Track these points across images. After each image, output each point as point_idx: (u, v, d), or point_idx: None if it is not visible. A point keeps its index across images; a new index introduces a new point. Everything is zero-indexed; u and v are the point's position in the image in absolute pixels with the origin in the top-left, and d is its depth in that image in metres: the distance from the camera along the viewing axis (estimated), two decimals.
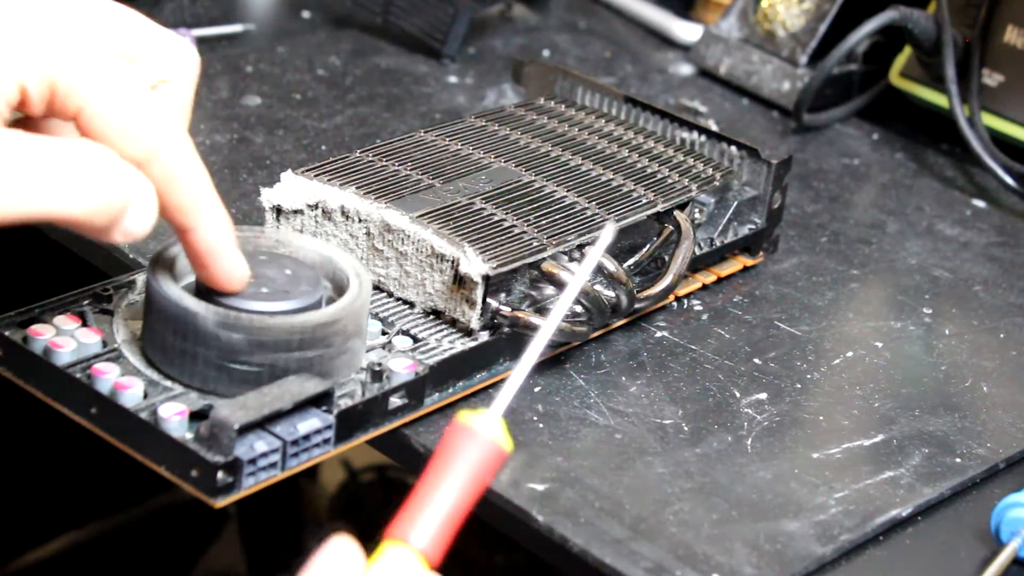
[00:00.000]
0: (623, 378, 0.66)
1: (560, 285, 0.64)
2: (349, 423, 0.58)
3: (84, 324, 0.60)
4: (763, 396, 0.66)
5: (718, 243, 0.74)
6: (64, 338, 0.59)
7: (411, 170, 0.69)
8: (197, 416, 0.56)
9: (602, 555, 0.56)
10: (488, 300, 0.63)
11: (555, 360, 0.66)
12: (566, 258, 0.65)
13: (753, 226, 0.75)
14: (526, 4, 1.03)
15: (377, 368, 0.60)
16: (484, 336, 0.64)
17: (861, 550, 0.59)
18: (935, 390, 0.68)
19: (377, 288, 0.66)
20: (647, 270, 0.71)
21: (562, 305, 0.50)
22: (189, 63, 0.57)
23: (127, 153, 0.52)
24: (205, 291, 0.58)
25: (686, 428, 0.64)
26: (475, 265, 0.62)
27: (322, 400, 0.57)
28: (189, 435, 0.55)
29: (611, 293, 0.66)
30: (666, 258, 0.70)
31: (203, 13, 0.96)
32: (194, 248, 0.56)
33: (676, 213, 0.70)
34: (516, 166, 0.71)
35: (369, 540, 0.47)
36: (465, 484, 0.47)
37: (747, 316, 0.72)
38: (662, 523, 0.58)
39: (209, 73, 0.89)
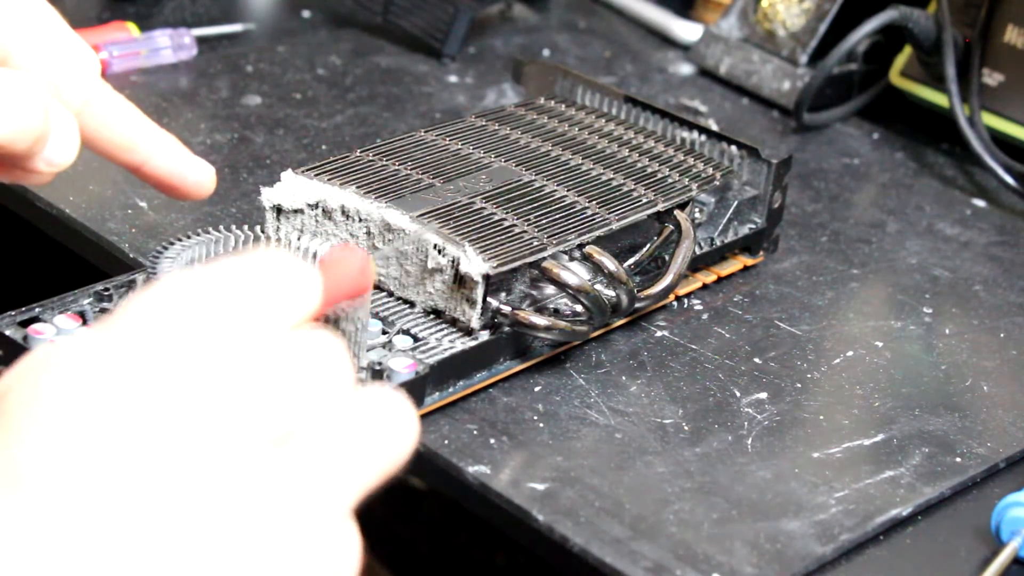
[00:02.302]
0: (623, 377, 0.66)
1: (561, 285, 0.64)
2: None
3: (84, 323, 0.60)
4: (763, 395, 0.66)
5: (718, 243, 0.74)
6: (65, 337, 0.59)
7: (411, 169, 0.69)
8: None
9: (602, 555, 0.56)
10: (488, 299, 0.63)
11: (555, 360, 0.66)
12: (566, 257, 0.65)
13: (753, 226, 0.75)
14: (526, 4, 1.03)
15: (377, 367, 0.60)
16: (484, 335, 0.64)
17: (861, 550, 0.59)
18: (935, 390, 0.68)
19: (377, 287, 0.66)
20: (647, 270, 0.71)
21: None
22: (89, 65, 0.58)
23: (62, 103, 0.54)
24: None
25: (686, 428, 0.64)
26: (475, 264, 0.62)
27: None
28: None
29: (611, 293, 0.66)
30: (666, 257, 0.70)
31: (203, 12, 0.96)
32: (156, 177, 0.58)
33: (676, 212, 0.70)
34: (516, 165, 0.71)
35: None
36: None
37: (747, 316, 0.72)
38: (662, 523, 0.58)
39: (209, 73, 0.89)
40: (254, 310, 0.39)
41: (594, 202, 0.69)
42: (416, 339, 0.63)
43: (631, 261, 0.70)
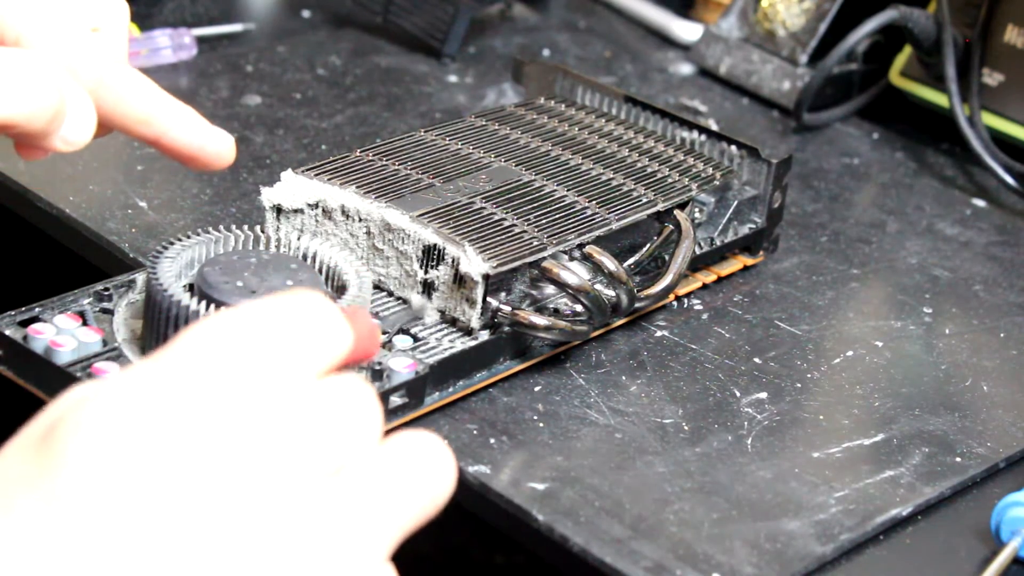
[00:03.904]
0: (623, 377, 0.66)
1: (561, 284, 0.64)
2: None
3: (84, 323, 0.60)
4: (763, 395, 0.66)
5: (718, 242, 0.74)
6: (65, 337, 0.59)
7: (411, 169, 0.69)
8: None
9: (602, 554, 0.56)
10: (488, 299, 0.63)
11: (555, 359, 0.66)
12: (566, 257, 0.65)
13: (753, 225, 0.75)
14: (526, 4, 1.03)
15: (377, 367, 0.60)
16: (484, 335, 0.64)
17: (861, 549, 0.59)
18: (935, 389, 0.68)
19: (377, 287, 0.66)
20: (647, 269, 0.71)
21: None
22: (118, 10, 0.59)
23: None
24: (206, 290, 0.58)
25: (686, 427, 0.64)
26: (475, 264, 0.62)
27: None
28: None
29: (611, 292, 0.66)
30: (666, 257, 0.70)
31: (203, 12, 0.96)
32: (175, 149, 0.58)
33: (676, 212, 0.70)
34: (516, 165, 0.71)
35: None
36: None
37: (747, 315, 0.72)
38: (662, 522, 0.58)
39: (209, 72, 0.89)
40: (292, 354, 0.39)
41: (594, 202, 0.69)
42: (416, 339, 0.63)
43: (631, 261, 0.70)
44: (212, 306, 0.57)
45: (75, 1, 0.57)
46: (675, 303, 0.72)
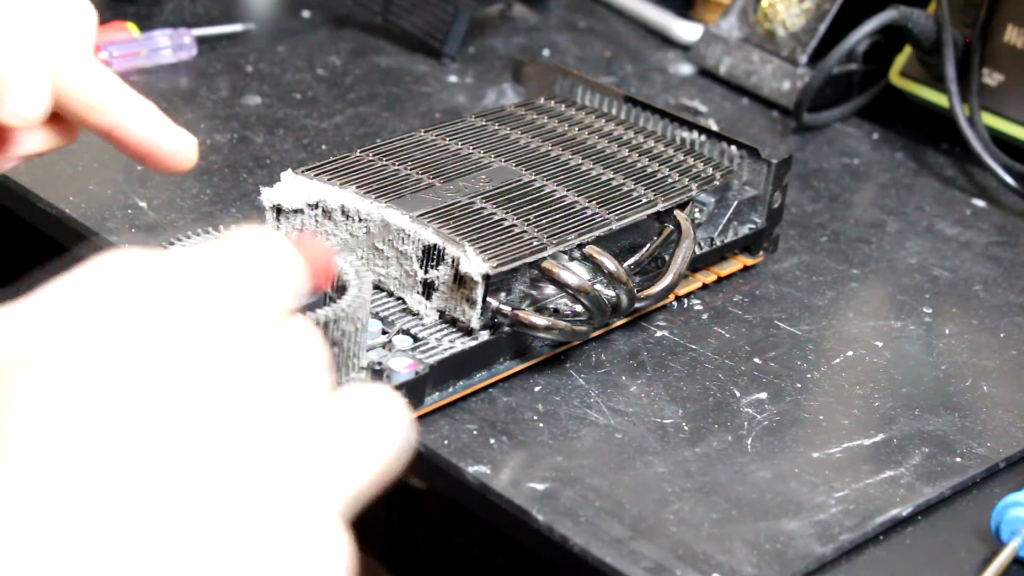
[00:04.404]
0: (623, 378, 0.66)
1: (561, 284, 0.64)
2: None
3: None
4: (763, 395, 0.66)
5: (718, 242, 0.74)
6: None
7: (411, 169, 0.69)
8: None
9: (602, 554, 0.56)
10: (488, 299, 0.63)
11: (555, 359, 0.66)
12: (566, 257, 0.65)
13: (753, 226, 0.75)
14: (526, 4, 1.03)
15: (377, 367, 0.60)
16: (484, 335, 0.64)
17: (861, 549, 0.59)
18: (935, 390, 0.68)
19: (377, 287, 0.66)
20: (647, 269, 0.71)
21: None
22: (85, 13, 0.58)
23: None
24: None
25: (686, 428, 0.64)
26: (475, 264, 0.62)
27: None
28: None
29: (611, 292, 0.66)
30: (666, 257, 0.70)
31: (203, 13, 0.96)
32: (129, 143, 0.56)
33: (676, 212, 0.70)
34: (516, 165, 0.71)
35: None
36: None
37: (747, 316, 0.72)
38: (662, 522, 0.58)
39: (209, 72, 0.89)
40: (242, 300, 0.38)
41: (594, 202, 0.69)
42: (416, 339, 0.63)
43: (631, 261, 0.70)
44: None
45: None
46: (675, 303, 0.72)
